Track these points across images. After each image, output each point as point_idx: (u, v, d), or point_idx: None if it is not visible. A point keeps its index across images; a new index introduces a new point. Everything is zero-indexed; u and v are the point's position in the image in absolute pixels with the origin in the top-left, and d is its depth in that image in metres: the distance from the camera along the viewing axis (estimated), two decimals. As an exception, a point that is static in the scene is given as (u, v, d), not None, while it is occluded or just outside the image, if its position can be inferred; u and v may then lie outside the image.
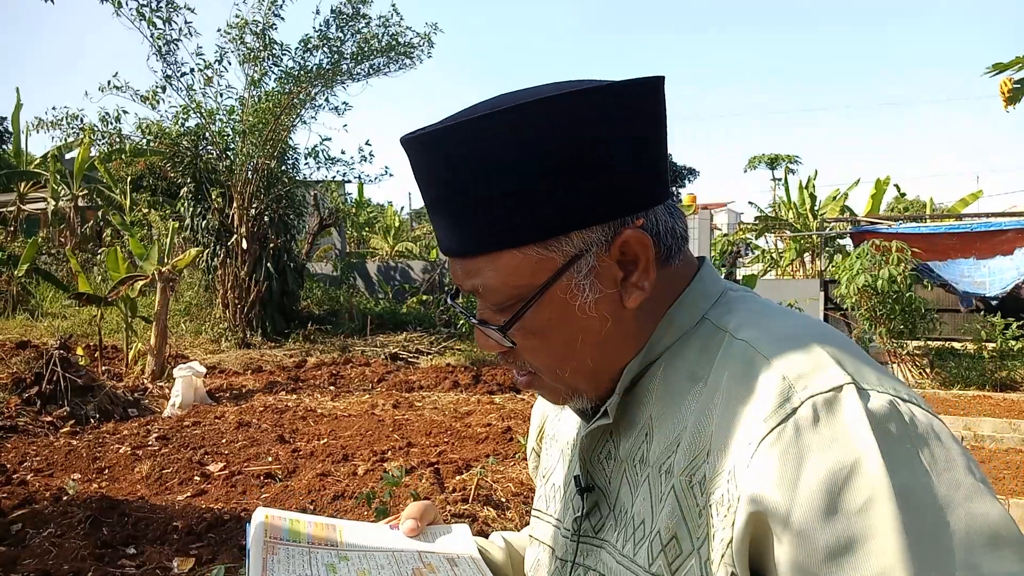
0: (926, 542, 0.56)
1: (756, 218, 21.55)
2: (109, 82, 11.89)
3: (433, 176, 0.72)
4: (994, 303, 10.27)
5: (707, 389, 0.69)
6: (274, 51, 12.46)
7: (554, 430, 0.96)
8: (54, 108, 12.11)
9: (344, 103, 13.42)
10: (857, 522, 0.57)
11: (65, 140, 12.32)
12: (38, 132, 12.43)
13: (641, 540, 0.71)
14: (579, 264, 0.71)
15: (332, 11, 12.43)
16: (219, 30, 12.28)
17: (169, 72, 12.13)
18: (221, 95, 12.68)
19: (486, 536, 1.10)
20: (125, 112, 12.31)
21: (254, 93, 12.60)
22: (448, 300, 0.86)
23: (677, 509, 0.68)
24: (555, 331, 0.73)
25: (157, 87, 12.15)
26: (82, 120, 12.20)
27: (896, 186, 19.48)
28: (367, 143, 13.53)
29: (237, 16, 12.25)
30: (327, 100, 13.09)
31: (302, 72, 12.49)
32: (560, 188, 0.68)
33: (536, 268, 0.71)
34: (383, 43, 12.66)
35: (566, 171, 0.68)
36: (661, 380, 0.75)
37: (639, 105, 0.71)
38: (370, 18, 12.54)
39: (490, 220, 0.70)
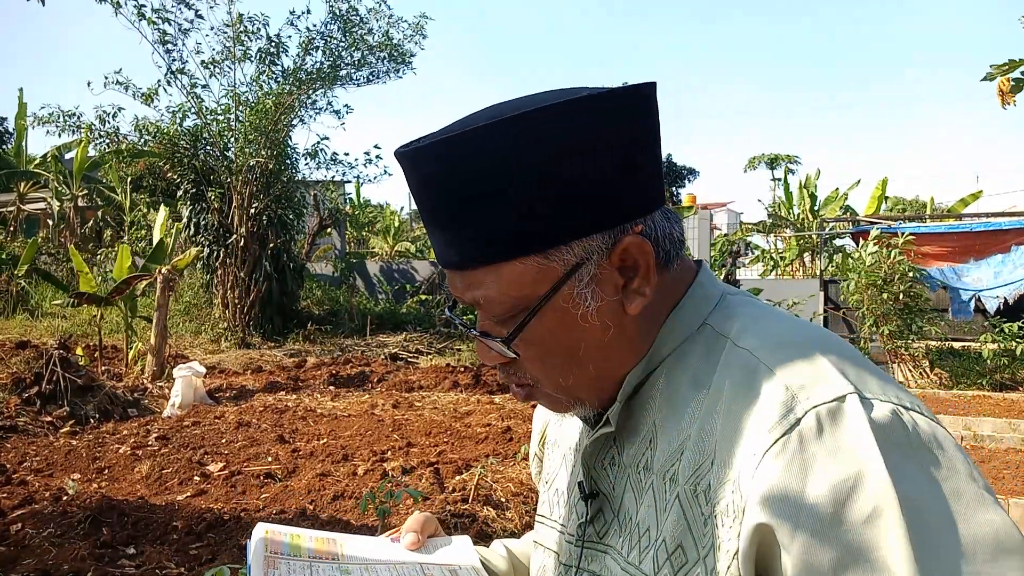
0: (931, 552, 0.56)
1: (768, 216, 21.54)
2: (115, 75, 11.92)
3: (430, 189, 0.71)
4: (992, 306, 10.25)
5: (710, 397, 0.70)
6: (276, 52, 12.49)
7: (556, 435, 0.95)
8: (45, 105, 12.16)
9: (346, 106, 13.51)
10: (863, 533, 0.57)
11: (59, 134, 12.34)
12: (33, 127, 12.45)
13: (647, 548, 0.71)
14: (580, 273, 0.71)
15: (334, 14, 12.46)
16: (212, 28, 12.32)
17: (174, 68, 12.15)
18: (223, 95, 12.70)
19: (487, 542, 1.10)
20: (122, 109, 12.33)
21: (253, 91, 12.62)
22: (446, 312, 0.87)
23: (682, 518, 0.68)
24: (558, 340, 0.73)
25: (159, 84, 12.18)
26: (78, 117, 12.22)
27: (887, 198, 19.47)
28: (376, 146, 13.59)
29: (229, 14, 12.28)
30: (329, 104, 13.15)
31: (302, 73, 12.51)
32: (559, 197, 0.68)
33: (537, 278, 0.71)
34: (384, 51, 12.73)
35: (564, 180, 0.67)
36: (664, 387, 0.75)
37: (632, 112, 0.71)
38: (369, 23, 12.60)
39: (490, 232, 0.69)
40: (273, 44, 12.48)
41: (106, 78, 11.93)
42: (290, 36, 12.61)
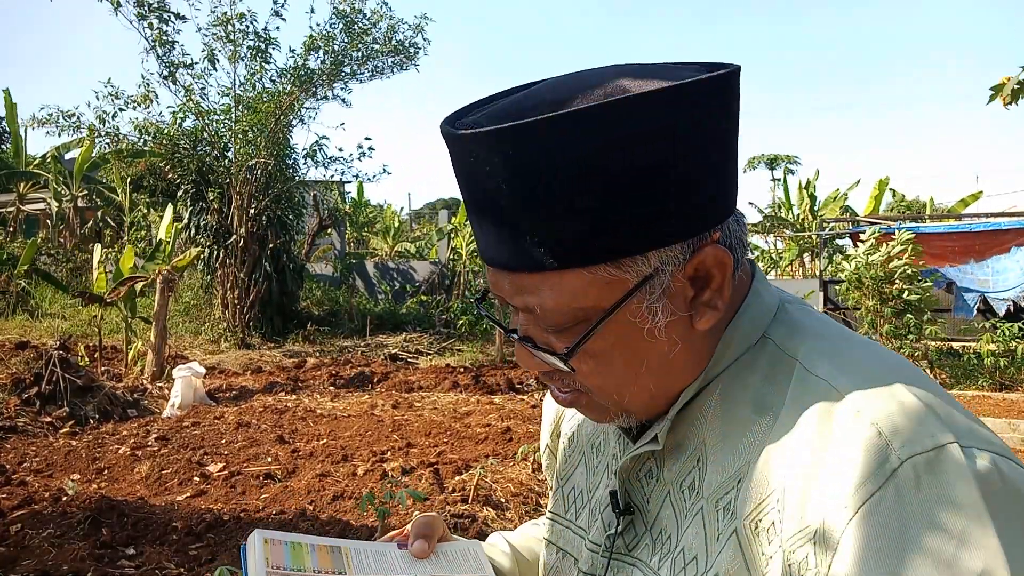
0: None
1: (764, 217, 21.52)
2: (106, 87, 11.92)
3: (486, 179, 0.62)
4: (1001, 309, 10.27)
5: (778, 426, 0.63)
6: (265, 48, 12.46)
7: (570, 429, 0.90)
8: (44, 106, 12.16)
9: (344, 99, 13.42)
10: None
11: (59, 133, 12.35)
12: (32, 129, 12.43)
13: None
14: (652, 285, 0.63)
15: (337, 15, 12.47)
16: (200, 29, 12.30)
17: (166, 73, 12.15)
18: (220, 95, 12.70)
19: (484, 536, 1.06)
20: (122, 110, 12.32)
21: (249, 92, 12.61)
22: (476, 305, 0.79)
23: (739, 554, 0.63)
24: (619, 355, 0.67)
25: (149, 91, 12.18)
26: (78, 118, 12.22)
27: (892, 190, 19.48)
28: (367, 138, 13.58)
29: (213, 12, 12.25)
30: (327, 97, 13.13)
31: (303, 72, 12.50)
32: (642, 200, 0.60)
33: (605, 290, 0.63)
34: (390, 46, 12.75)
35: (649, 180, 0.60)
36: (719, 404, 0.69)
37: (721, 102, 0.63)
38: (374, 22, 12.61)
39: (557, 235, 0.61)
40: (262, 40, 12.44)
41: (96, 92, 11.94)
42: (278, 28, 12.59)
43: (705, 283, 0.66)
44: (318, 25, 12.64)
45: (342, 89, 13.14)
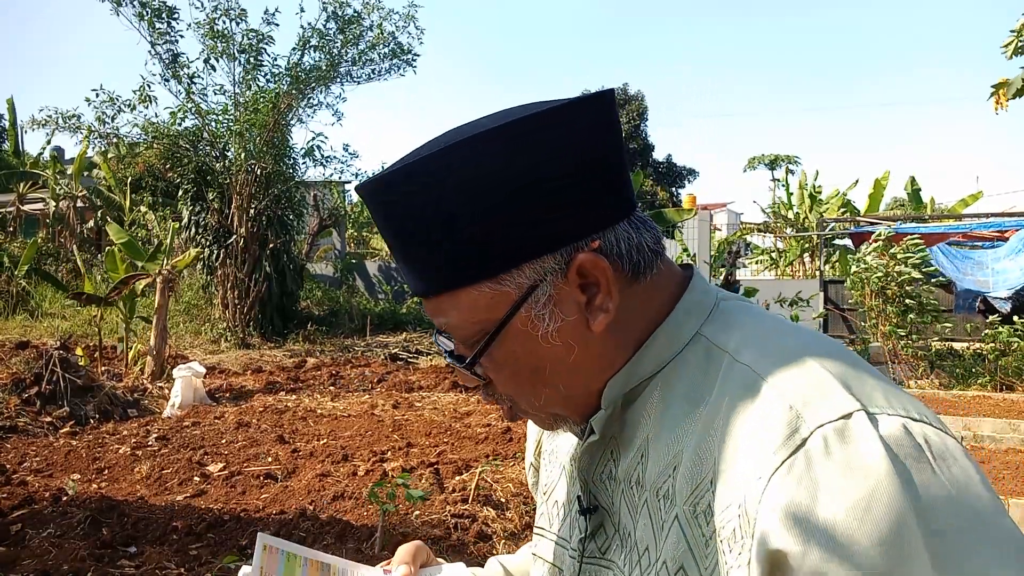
0: (956, 564, 0.54)
1: (772, 215, 21.49)
2: (98, 95, 11.92)
3: (386, 221, 0.72)
4: (1005, 307, 10.27)
5: (707, 414, 0.67)
6: (258, 47, 12.45)
7: (552, 445, 0.94)
8: (44, 108, 12.16)
9: (333, 106, 13.39)
10: (881, 553, 0.54)
11: (54, 133, 12.38)
12: (32, 130, 12.44)
13: (648, 568, 0.70)
14: (536, 295, 0.69)
15: (332, 15, 12.47)
16: (190, 24, 12.27)
17: (168, 75, 12.15)
18: (217, 93, 12.69)
19: (487, 542, 1.10)
20: (121, 111, 12.30)
21: (247, 92, 12.60)
22: (435, 338, 0.85)
23: (683, 539, 0.66)
24: (522, 362, 0.73)
25: (148, 92, 12.16)
26: (78, 119, 12.21)
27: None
28: (345, 146, 13.76)
29: (199, 8, 12.24)
30: (320, 102, 13.14)
31: (299, 72, 12.49)
32: (505, 222, 0.67)
33: (492, 303, 0.70)
34: (386, 47, 12.76)
35: (509, 204, 0.67)
36: (659, 400, 0.73)
37: (583, 125, 0.69)
38: (365, 19, 12.61)
39: (441, 260, 0.69)
40: (255, 37, 12.41)
41: (88, 100, 11.92)
42: (269, 32, 12.55)
43: (596, 288, 0.70)
44: (309, 24, 12.62)
45: (336, 98, 13.16)
